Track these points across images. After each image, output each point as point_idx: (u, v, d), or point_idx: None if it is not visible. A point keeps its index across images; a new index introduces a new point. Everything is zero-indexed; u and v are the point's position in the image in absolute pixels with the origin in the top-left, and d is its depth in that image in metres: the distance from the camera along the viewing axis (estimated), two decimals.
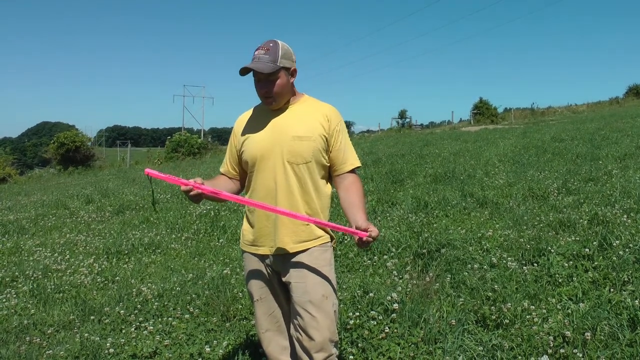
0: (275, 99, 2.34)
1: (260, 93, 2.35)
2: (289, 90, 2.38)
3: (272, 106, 2.38)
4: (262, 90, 2.32)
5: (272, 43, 2.31)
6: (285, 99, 2.39)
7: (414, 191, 8.38)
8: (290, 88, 2.39)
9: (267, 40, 2.34)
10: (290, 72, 2.36)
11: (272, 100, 2.35)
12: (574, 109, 38.88)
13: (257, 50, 2.31)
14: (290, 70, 2.36)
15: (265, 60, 2.27)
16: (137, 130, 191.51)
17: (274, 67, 2.27)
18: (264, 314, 2.52)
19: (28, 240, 7.86)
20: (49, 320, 4.33)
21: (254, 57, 2.30)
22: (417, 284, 4.29)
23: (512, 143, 14.34)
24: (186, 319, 4.06)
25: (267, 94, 2.32)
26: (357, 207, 2.34)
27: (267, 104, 2.38)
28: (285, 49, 2.32)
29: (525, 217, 5.97)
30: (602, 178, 7.85)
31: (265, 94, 2.33)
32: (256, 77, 2.32)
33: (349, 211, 2.35)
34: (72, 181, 20.78)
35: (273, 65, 2.27)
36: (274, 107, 2.39)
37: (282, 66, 2.30)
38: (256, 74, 2.30)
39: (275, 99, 2.34)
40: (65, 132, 33.99)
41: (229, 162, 2.56)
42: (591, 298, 3.68)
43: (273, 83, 2.30)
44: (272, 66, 2.27)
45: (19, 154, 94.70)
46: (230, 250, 6.20)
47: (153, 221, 8.43)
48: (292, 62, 2.36)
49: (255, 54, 2.30)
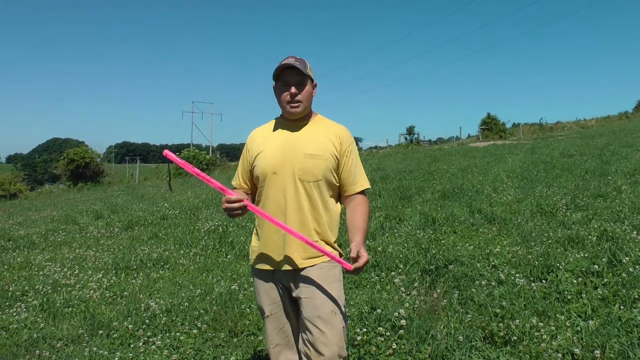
0: (303, 103, 2.38)
1: (290, 96, 2.36)
2: (311, 102, 2.44)
3: (297, 113, 2.40)
4: (293, 92, 2.35)
5: (298, 57, 2.40)
6: (308, 110, 2.44)
7: (422, 207, 8.37)
8: (311, 101, 2.45)
9: (290, 55, 2.42)
10: (314, 85, 2.45)
11: (298, 105, 2.38)
12: (582, 124, 38.72)
13: (286, 59, 2.38)
14: (314, 83, 2.44)
15: (299, 65, 2.34)
16: (146, 146, 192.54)
17: (306, 72, 2.36)
18: (274, 329, 2.52)
19: (38, 255, 7.92)
20: (58, 334, 4.35)
21: (284, 62, 2.35)
22: (425, 300, 4.28)
23: (520, 159, 14.31)
24: (194, 334, 4.07)
25: (296, 98, 2.36)
26: (358, 229, 2.37)
27: (292, 109, 2.39)
28: (309, 65, 2.42)
29: (533, 233, 5.95)
30: (611, 194, 7.81)
31: (293, 96, 2.36)
32: (286, 80, 2.36)
33: (350, 232, 2.40)
34: (82, 197, 20.91)
35: (306, 70, 2.36)
36: (297, 115, 2.41)
37: (309, 75, 2.39)
38: (287, 78, 2.35)
39: (303, 104, 2.38)
40: (75, 149, 34.30)
41: (241, 175, 2.59)
42: (601, 315, 3.66)
43: (304, 87, 2.37)
44: (306, 70, 2.36)
45: (29, 170, 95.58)
46: (238, 266, 6.21)
47: (161, 237, 8.47)
48: (314, 79, 2.45)
49: (283, 61, 2.36)
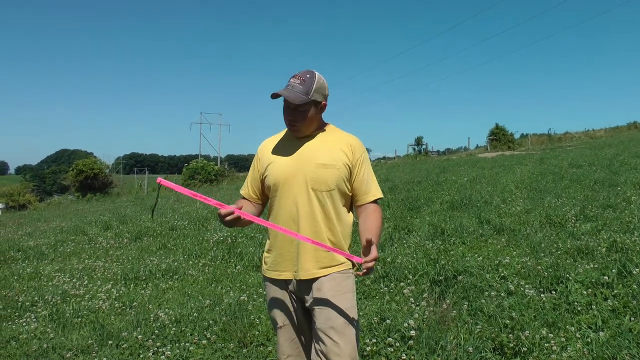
0: (300, 128, 2.38)
1: (287, 120, 2.39)
2: (316, 121, 2.43)
3: (297, 134, 2.42)
4: (289, 117, 2.37)
5: (309, 74, 2.35)
6: (311, 129, 2.43)
7: (431, 218, 8.37)
8: (317, 120, 2.43)
9: (305, 70, 2.38)
10: (319, 106, 2.40)
11: (297, 129, 2.40)
12: (591, 134, 38.56)
13: (293, 78, 2.35)
14: (319, 104, 2.39)
15: (298, 91, 2.30)
16: (155, 157, 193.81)
17: (305, 99, 2.30)
18: (286, 340, 2.50)
19: (47, 265, 7.98)
20: (67, 345, 4.37)
21: (288, 85, 2.33)
22: (434, 311, 4.27)
23: (529, 169, 14.27)
24: (203, 344, 4.08)
25: (293, 123, 2.37)
26: (370, 231, 2.34)
27: (292, 131, 2.43)
28: (320, 83, 2.36)
29: (542, 244, 5.93)
30: (620, 205, 7.78)
31: (291, 122, 2.37)
32: (285, 104, 2.36)
33: (362, 235, 2.36)
34: (91, 208, 21.03)
35: (305, 97, 2.30)
36: (298, 136, 2.43)
37: (313, 99, 2.33)
38: (286, 101, 2.35)
39: (300, 129, 2.39)
40: (83, 160, 34.58)
41: (250, 185, 2.58)
42: (611, 327, 3.63)
43: (301, 114, 2.34)
44: (303, 98, 2.30)
45: (38, 181, 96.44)
46: (247, 276, 6.22)
47: (170, 247, 8.50)
48: (323, 97, 2.39)
49: (290, 82, 2.34)
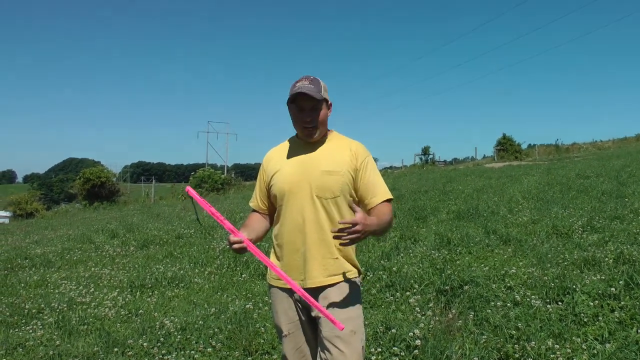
0: (319, 127, 2.40)
1: (304, 122, 2.38)
2: (327, 124, 2.46)
3: (313, 137, 2.42)
4: (307, 119, 2.37)
5: (313, 77, 2.40)
6: (324, 131, 2.46)
7: (437, 228, 8.35)
8: (326, 123, 2.46)
9: (304, 75, 2.41)
10: (329, 106, 2.45)
11: (315, 130, 2.40)
12: (599, 145, 38.37)
13: (300, 81, 2.37)
14: (329, 104, 2.45)
15: (313, 90, 2.34)
16: (162, 166, 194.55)
17: (321, 96, 2.36)
18: (291, 348, 2.50)
19: (54, 273, 8.02)
20: (73, 352, 4.38)
21: (298, 87, 2.34)
22: (440, 321, 4.26)
23: (536, 180, 14.21)
24: (208, 352, 4.08)
25: (312, 123, 2.38)
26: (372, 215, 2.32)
27: (308, 134, 2.42)
28: (324, 84, 2.42)
29: (549, 254, 5.90)
30: (628, 216, 7.73)
31: (310, 122, 2.38)
32: (300, 105, 2.37)
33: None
34: (98, 216, 21.11)
35: (320, 94, 2.35)
36: (314, 139, 2.43)
37: (325, 98, 2.39)
38: (301, 103, 2.36)
39: (319, 128, 2.40)
40: (90, 168, 34.71)
41: (259, 196, 2.60)
42: (618, 339, 3.62)
43: (318, 112, 2.37)
44: (320, 94, 2.35)
45: (46, 189, 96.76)
46: (253, 285, 6.23)
47: (176, 256, 8.52)
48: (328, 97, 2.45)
49: (298, 85, 2.36)
